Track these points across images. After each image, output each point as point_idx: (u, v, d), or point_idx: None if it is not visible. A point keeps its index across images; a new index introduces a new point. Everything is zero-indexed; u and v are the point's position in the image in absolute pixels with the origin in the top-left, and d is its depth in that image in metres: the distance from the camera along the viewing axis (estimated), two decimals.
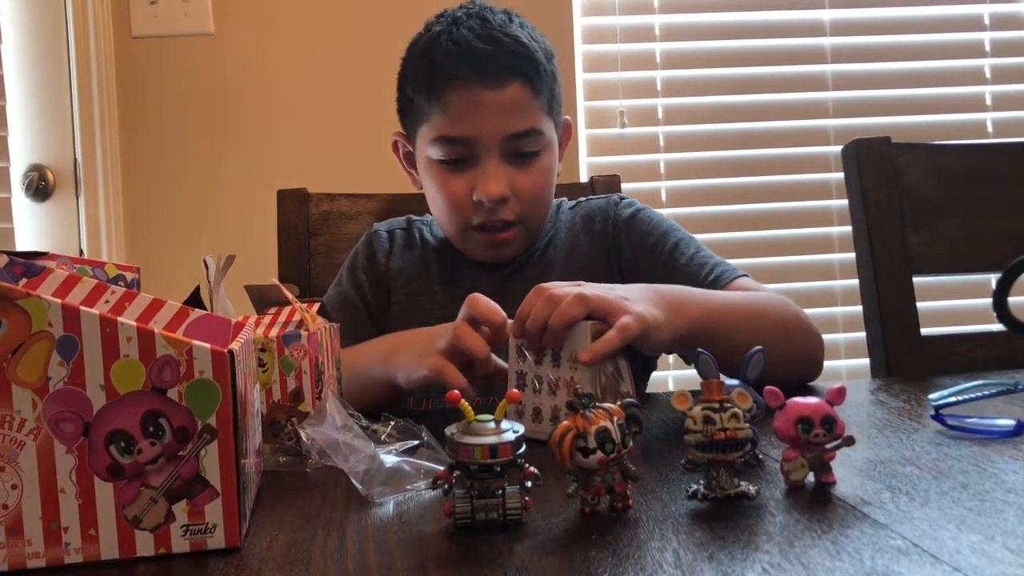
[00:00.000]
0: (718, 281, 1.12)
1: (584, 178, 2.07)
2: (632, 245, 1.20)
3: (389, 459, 0.71)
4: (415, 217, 1.30)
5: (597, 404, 0.61)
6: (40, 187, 1.91)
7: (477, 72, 1.10)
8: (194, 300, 0.81)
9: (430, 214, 1.26)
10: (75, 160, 1.93)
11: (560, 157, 1.23)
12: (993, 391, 0.84)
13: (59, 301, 0.56)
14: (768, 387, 0.66)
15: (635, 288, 0.93)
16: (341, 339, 0.92)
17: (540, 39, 1.18)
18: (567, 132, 1.25)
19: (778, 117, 2.19)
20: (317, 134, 2.05)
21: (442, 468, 0.62)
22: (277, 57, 2.04)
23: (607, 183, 1.42)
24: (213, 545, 0.58)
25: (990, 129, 2.23)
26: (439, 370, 0.91)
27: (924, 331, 1.21)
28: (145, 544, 0.58)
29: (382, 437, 0.75)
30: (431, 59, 1.13)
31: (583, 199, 1.30)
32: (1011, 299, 0.84)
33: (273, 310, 0.89)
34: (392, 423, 0.77)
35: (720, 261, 1.16)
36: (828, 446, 0.65)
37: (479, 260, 1.20)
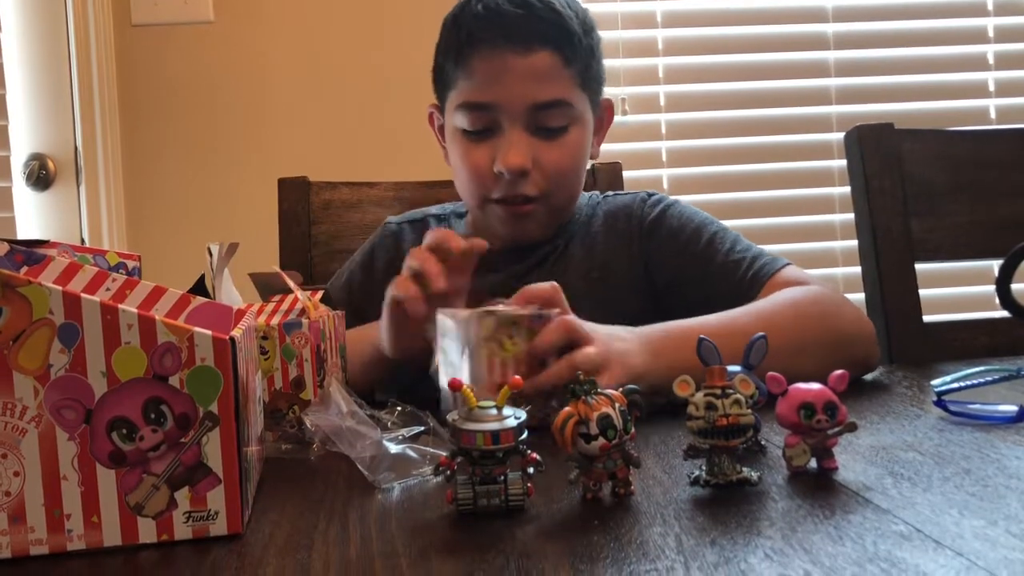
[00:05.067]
0: (758, 277, 1.05)
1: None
2: (662, 246, 1.13)
3: (394, 445, 0.71)
4: (434, 211, 1.26)
5: (599, 391, 0.61)
6: (41, 176, 1.90)
7: (504, 36, 1.05)
8: (199, 289, 0.81)
9: (450, 203, 1.24)
10: (76, 149, 1.92)
11: (600, 140, 1.17)
12: (995, 377, 0.84)
13: (60, 288, 0.56)
14: (770, 373, 0.66)
15: (630, 336, 0.88)
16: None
17: (579, 9, 1.12)
18: (608, 113, 1.19)
19: (780, 104, 2.18)
20: (318, 122, 2.04)
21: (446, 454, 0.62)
22: (277, 44, 2.04)
23: (609, 171, 1.42)
24: (215, 532, 0.58)
25: (993, 115, 2.23)
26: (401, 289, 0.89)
27: (927, 318, 1.21)
28: (147, 531, 0.58)
29: (387, 424, 0.75)
30: (460, 24, 1.09)
31: (609, 194, 1.24)
32: (1014, 285, 0.84)
33: (276, 298, 0.89)
34: (398, 409, 0.77)
35: (760, 253, 1.09)
36: (830, 432, 0.65)
37: (502, 237, 1.12)
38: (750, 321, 0.92)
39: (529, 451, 0.61)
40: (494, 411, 0.61)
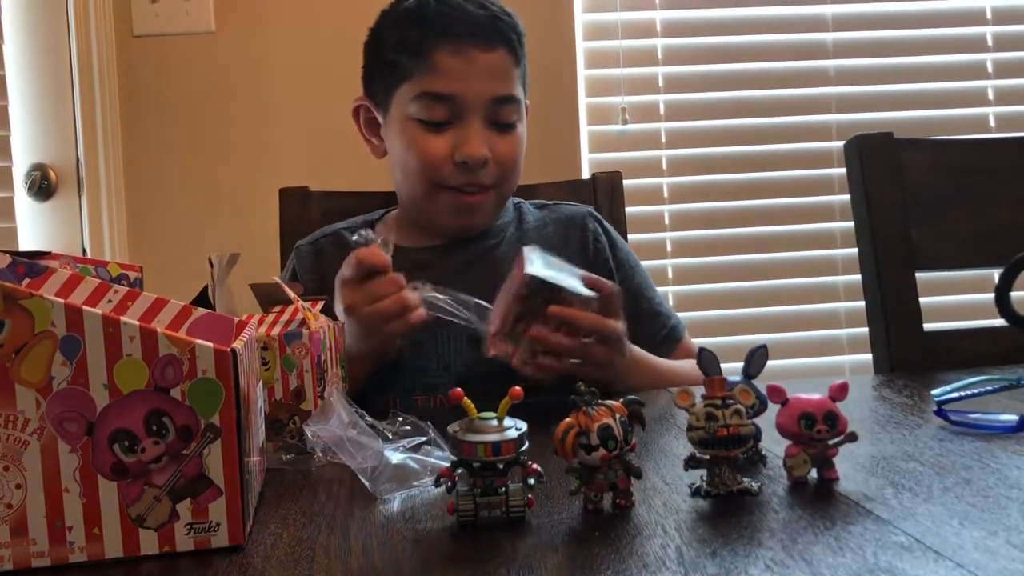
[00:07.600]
0: (671, 337, 1.22)
1: (586, 175, 2.06)
2: (619, 264, 1.24)
3: (396, 456, 0.71)
4: (342, 225, 1.28)
5: (599, 401, 0.61)
6: (43, 186, 1.91)
7: (470, 32, 1.12)
8: (202, 300, 0.81)
9: (357, 216, 1.29)
10: (77, 159, 1.93)
11: None
12: (996, 386, 0.84)
13: (62, 301, 0.57)
14: (771, 383, 0.66)
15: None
16: None
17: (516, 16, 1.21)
18: (528, 114, 1.26)
19: (780, 113, 2.18)
20: (319, 131, 2.05)
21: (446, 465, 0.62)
22: (278, 54, 2.04)
23: (609, 180, 1.42)
24: (217, 543, 0.59)
25: (992, 124, 2.23)
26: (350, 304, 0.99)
27: (927, 326, 1.21)
28: (149, 543, 0.58)
29: (388, 435, 0.75)
30: (421, 21, 1.15)
31: (549, 203, 1.30)
32: (1014, 294, 0.84)
33: (277, 308, 0.89)
34: (400, 419, 0.77)
35: (669, 310, 1.25)
36: (831, 442, 0.65)
37: (444, 227, 1.20)
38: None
39: (530, 462, 0.61)
40: (495, 422, 0.61)
